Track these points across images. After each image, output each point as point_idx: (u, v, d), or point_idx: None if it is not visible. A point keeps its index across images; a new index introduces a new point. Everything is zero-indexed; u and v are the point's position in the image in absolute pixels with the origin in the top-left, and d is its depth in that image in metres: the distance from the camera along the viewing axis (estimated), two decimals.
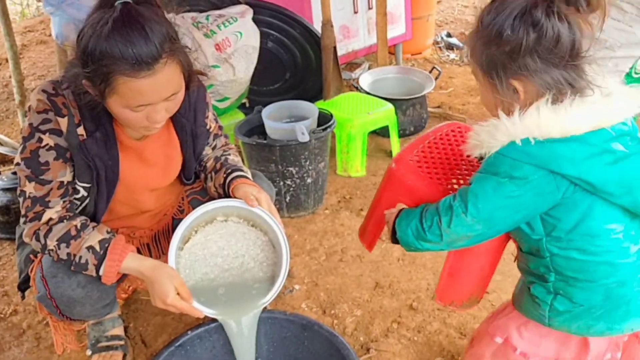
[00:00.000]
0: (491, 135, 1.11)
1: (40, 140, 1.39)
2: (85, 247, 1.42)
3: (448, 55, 4.46)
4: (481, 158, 1.18)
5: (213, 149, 1.76)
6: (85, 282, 1.50)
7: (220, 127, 1.77)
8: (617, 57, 3.06)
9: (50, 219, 1.43)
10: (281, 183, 2.46)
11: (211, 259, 1.59)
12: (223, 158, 1.70)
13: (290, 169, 2.42)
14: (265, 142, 2.39)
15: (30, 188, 1.42)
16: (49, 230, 1.43)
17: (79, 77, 1.32)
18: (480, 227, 1.14)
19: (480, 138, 1.13)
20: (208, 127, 1.69)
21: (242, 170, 1.64)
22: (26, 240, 1.48)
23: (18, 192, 1.45)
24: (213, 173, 1.68)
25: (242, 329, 1.51)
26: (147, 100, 1.30)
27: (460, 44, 4.64)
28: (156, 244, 1.80)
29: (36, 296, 1.57)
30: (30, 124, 1.40)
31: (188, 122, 1.59)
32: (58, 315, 1.58)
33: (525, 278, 1.26)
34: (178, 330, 1.90)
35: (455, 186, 1.34)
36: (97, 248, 1.42)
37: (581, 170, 1.05)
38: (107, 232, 1.47)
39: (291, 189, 2.48)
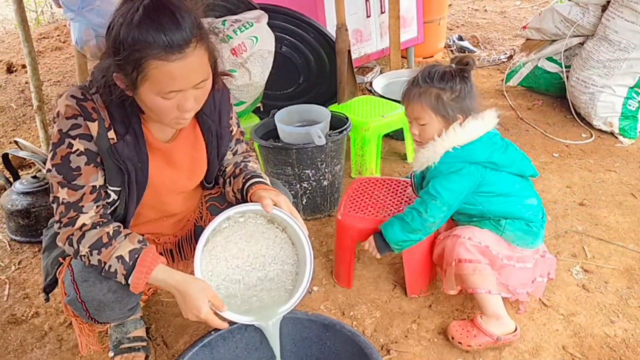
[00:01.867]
0: (433, 152, 1.76)
1: (70, 145, 1.40)
2: (115, 257, 1.43)
3: None
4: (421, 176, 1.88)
5: (234, 154, 1.78)
6: (117, 287, 1.52)
7: (242, 133, 1.79)
8: (631, 59, 3.06)
9: (84, 224, 1.44)
10: (297, 186, 2.47)
11: (232, 260, 1.60)
12: (242, 164, 1.72)
13: (307, 171, 2.44)
14: (281, 144, 2.40)
15: (63, 194, 1.43)
16: (82, 236, 1.44)
17: (109, 70, 1.33)
18: (445, 207, 1.77)
19: (427, 155, 1.77)
20: (231, 129, 1.71)
21: (261, 177, 1.66)
22: (60, 244, 1.49)
23: (51, 198, 1.46)
24: (232, 178, 1.70)
25: (269, 327, 1.53)
26: (178, 85, 1.31)
27: (472, 47, 4.64)
28: (179, 250, 1.82)
29: (66, 299, 1.58)
30: (60, 130, 1.41)
31: (214, 123, 1.61)
32: (87, 318, 1.60)
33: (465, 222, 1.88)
34: (199, 331, 1.92)
35: (387, 216, 1.97)
36: (127, 258, 1.43)
37: (488, 157, 1.75)
38: (139, 242, 1.47)
39: (307, 191, 2.49)
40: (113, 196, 1.51)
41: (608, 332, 1.84)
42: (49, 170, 1.44)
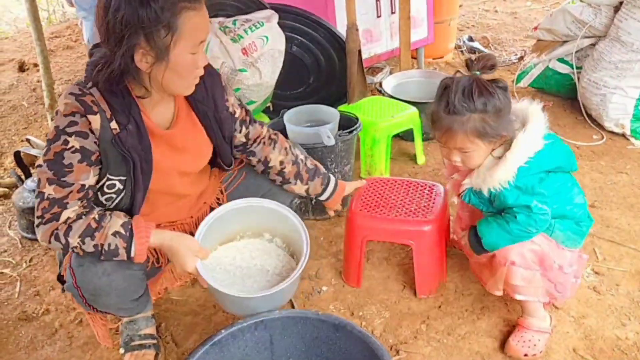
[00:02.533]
0: (505, 170, 1.58)
1: (66, 142, 1.41)
2: (111, 234, 1.45)
3: (470, 58, 4.44)
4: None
5: (246, 137, 1.80)
6: (111, 270, 1.53)
7: (248, 113, 1.81)
8: None
9: (68, 217, 1.44)
10: None
11: (230, 266, 1.72)
12: (301, 162, 1.87)
13: None
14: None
15: (50, 190, 1.43)
16: (69, 228, 1.44)
17: (130, 46, 1.35)
18: (547, 215, 1.64)
19: (498, 176, 1.59)
20: (232, 111, 1.74)
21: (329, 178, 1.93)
22: (43, 243, 1.48)
23: (35, 193, 1.46)
24: (298, 181, 1.86)
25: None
26: (204, 34, 1.43)
27: (483, 48, 4.62)
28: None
29: (65, 285, 1.61)
30: (57, 127, 1.42)
31: (209, 109, 1.65)
32: (85, 305, 1.61)
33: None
34: (208, 330, 1.92)
35: (398, 215, 1.98)
36: (123, 231, 1.46)
37: (556, 162, 1.65)
38: (125, 217, 1.50)
39: None
40: (118, 185, 1.53)
41: (619, 335, 1.82)
42: (39, 166, 1.45)
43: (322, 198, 1.96)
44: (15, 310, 2.09)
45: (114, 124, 1.46)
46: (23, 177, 2.56)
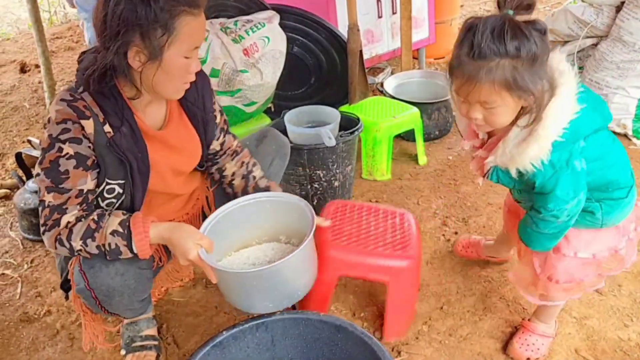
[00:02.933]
0: (538, 147, 1.32)
1: (60, 150, 1.41)
2: (109, 234, 1.45)
3: None
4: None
5: (222, 145, 1.81)
6: (123, 270, 1.53)
7: (225, 122, 1.83)
8: None
9: (68, 222, 1.45)
10: (309, 186, 2.47)
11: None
12: (252, 179, 1.81)
13: (318, 172, 2.44)
14: (293, 145, 2.40)
15: (49, 197, 1.44)
16: (70, 232, 1.44)
17: (125, 43, 1.35)
18: (579, 202, 1.43)
19: (530, 152, 1.33)
20: (215, 115, 1.75)
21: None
22: (51, 250, 1.50)
23: (38, 202, 1.48)
24: (242, 193, 1.79)
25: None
26: (200, 39, 1.44)
27: None
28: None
29: (75, 289, 1.59)
30: (50, 135, 1.42)
31: (199, 110, 1.67)
32: (97, 307, 1.60)
33: None
34: (209, 331, 1.92)
35: (376, 247, 1.75)
36: (120, 229, 1.45)
37: (594, 123, 1.38)
38: (123, 214, 1.49)
39: (318, 192, 2.49)
40: (117, 189, 1.53)
41: (622, 336, 1.82)
42: (37, 175, 1.46)
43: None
44: (17, 311, 2.09)
45: (107, 128, 1.46)
46: (24, 178, 2.56)
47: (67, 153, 1.42)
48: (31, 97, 4.10)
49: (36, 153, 2.54)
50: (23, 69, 4.62)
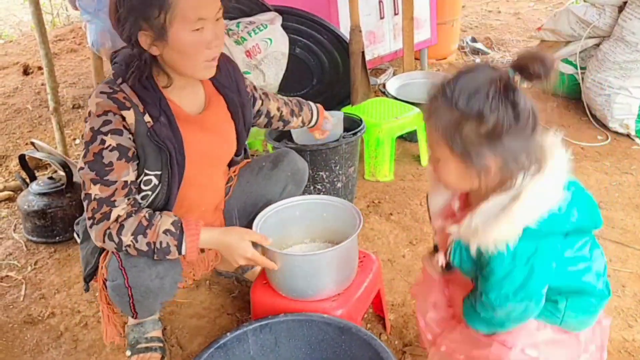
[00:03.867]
0: (507, 229, 1.11)
1: (103, 142, 1.44)
2: (162, 232, 1.46)
3: (473, 60, 4.45)
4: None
5: (262, 102, 1.91)
6: (164, 274, 1.56)
7: (255, 87, 1.91)
8: None
9: (119, 216, 1.46)
10: (311, 187, 2.47)
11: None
12: (290, 102, 2.00)
13: (321, 173, 2.44)
14: (295, 146, 2.40)
15: (95, 190, 1.45)
16: (121, 227, 1.46)
17: (133, 32, 1.39)
18: (539, 303, 1.20)
19: (500, 234, 1.12)
20: (251, 95, 1.81)
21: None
22: (97, 243, 1.51)
23: (83, 195, 1.48)
24: (294, 117, 2.01)
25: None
26: (205, 11, 1.40)
27: (486, 49, 4.62)
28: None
29: (109, 284, 1.60)
30: (92, 128, 1.45)
31: (235, 95, 1.70)
32: (127, 305, 1.61)
33: None
34: (213, 333, 1.92)
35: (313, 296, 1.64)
36: (173, 229, 1.47)
37: (575, 221, 1.16)
38: (174, 215, 1.52)
39: (321, 193, 2.48)
40: (154, 181, 1.54)
41: (626, 337, 1.82)
42: (81, 169, 1.47)
43: (312, 124, 2.10)
44: (21, 313, 2.10)
45: (147, 117, 1.49)
46: (28, 180, 2.56)
47: (110, 145, 1.44)
48: (34, 99, 4.11)
49: (39, 155, 2.54)
50: (26, 71, 4.63)
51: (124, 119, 1.45)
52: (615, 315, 1.90)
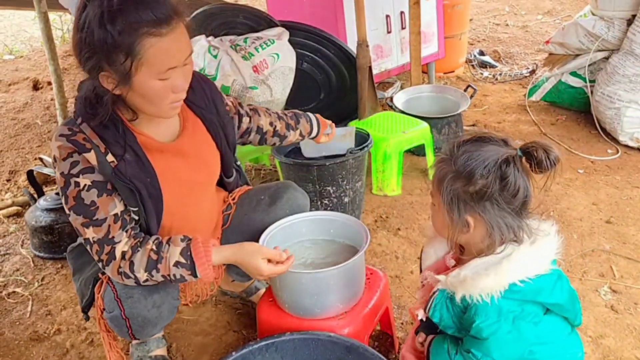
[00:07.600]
0: (495, 281, 1.21)
1: (77, 184, 1.39)
2: (173, 266, 1.44)
3: (481, 74, 4.44)
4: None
5: (250, 119, 1.85)
6: (160, 302, 1.54)
7: (240, 105, 1.85)
8: None
9: (124, 252, 1.43)
10: (318, 202, 2.46)
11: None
12: (284, 116, 1.95)
13: (328, 188, 2.42)
14: (302, 161, 2.40)
15: (90, 233, 1.42)
16: (131, 264, 1.43)
17: (93, 72, 1.31)
18: None
19: (486, 284, 1.21)
20: (230, 114, 1.76)
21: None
22: (117, 281, 1.48)
23: (83, 241, 1.46)
24: (291, 130, 1.95)
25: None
26: (174, 61, 1.32)
27: (494, 62, 4.61)
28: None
29: (106, 315, 1.58)
30: (62, 173, 1.40)
31: (213, 115, 1.64)
32: (127, 335, 1.59)
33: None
34: (219, 350, 1.91)
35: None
36: (183, 260, 1.44)
37: (554, 297, 1.25)
38: (182, 241, 1.47)
39: (328, 208, 2.47)
40: (134, 216, 1.50)
41: (639, 356, 1.78)
42: (68, 215, 1.44)
43: (313, 134, 2.04)
44: (27, 330, 2.09)
45: (110, 157, 1.41)
46: (36, 195, 2.57)
47: (85, 184, 1.39)
48: (43, 114, 4.14)
49: (47, 171, 2.55)
50: (36, 87, 4.67)
51: (87, 161, 1.39)
52: (627, 333, 1.87)
